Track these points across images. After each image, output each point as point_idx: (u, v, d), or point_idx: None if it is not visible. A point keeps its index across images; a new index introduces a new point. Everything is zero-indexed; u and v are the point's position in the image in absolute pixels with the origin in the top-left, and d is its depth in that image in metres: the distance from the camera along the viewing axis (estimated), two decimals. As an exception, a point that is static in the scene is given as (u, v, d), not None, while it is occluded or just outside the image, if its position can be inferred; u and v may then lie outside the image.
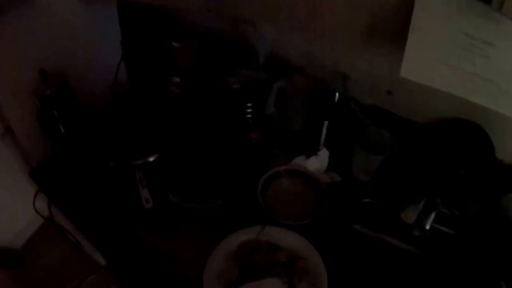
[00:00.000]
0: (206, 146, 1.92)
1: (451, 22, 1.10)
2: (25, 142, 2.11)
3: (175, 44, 2.06)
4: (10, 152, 2.17)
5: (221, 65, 2.03)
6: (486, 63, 1.13)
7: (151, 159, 1.86)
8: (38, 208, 2.23)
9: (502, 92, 1.18)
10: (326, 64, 1.86)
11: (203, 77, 2.07)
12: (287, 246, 1.53)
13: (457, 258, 1.59)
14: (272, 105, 1.86)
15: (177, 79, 2.06)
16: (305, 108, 1.83)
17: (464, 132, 1.75)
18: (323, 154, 1.78)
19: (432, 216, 1.61)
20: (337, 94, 1.77)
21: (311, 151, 1.79)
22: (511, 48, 1.09)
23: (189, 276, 1.52)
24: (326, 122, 1.73)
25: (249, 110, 1.90)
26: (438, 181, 1.73)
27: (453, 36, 1.12)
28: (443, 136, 1.77)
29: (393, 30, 1.23)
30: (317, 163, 1.77)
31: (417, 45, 1.18)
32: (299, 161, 1.78)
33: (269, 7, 1.44)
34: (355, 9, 1.26)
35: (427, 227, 1.60)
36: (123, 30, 2.19)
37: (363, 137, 1.74)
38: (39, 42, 1.92)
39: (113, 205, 1.78)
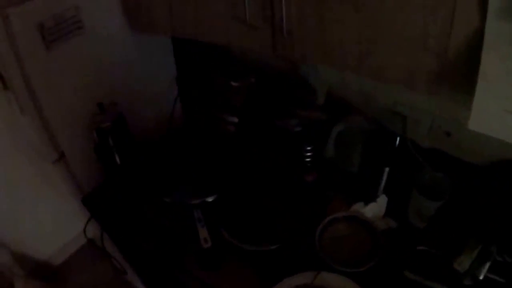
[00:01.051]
0: (264, 188, 1.93)
1: None
2: (78, 169, 2.15)
3: (233, 83, 2.07)
4: (63, 177, 2.20)
5: (280, 105, 2.04)
6: None
7: (209, 199, 1.88)
8: (87, 230, 2.27)
9: None
10: (385, 105, 1.86)
11: (260, 117, 2.08)
12: (339, 292, 1.53)
13: None
14: (332, 148, 1.87)
15: (234, 119, 2.06)
16: (364, 151, 1.84)
17: None
18: (382, 201, 1.77)
19: (487, 266, 1.58)
20: (398, 138, 1.77)
21: (370, 197, 1.77)
22: None
23: None
24: (387, 169, 1.72)
25: (308, 154, 1.90)
26: (495, 227, 1.70)
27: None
28: (502, 179, 1.74)
29: (460, 73, 1.20)
30: (375, 209, 1.76)
31: (487, 93, 1.13)
32: (358, 207, 1.77)
33: (327, 49, 1.43)
34: (416, 49, 1.23)
35: (481, 277, 1.57)
36: (178, 66, 2.20)
37: (421, 182, 1.72)
38: (94, 73, 1.98)
39: (164, 239, 1.81)
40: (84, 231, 2.22)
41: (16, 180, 2.46)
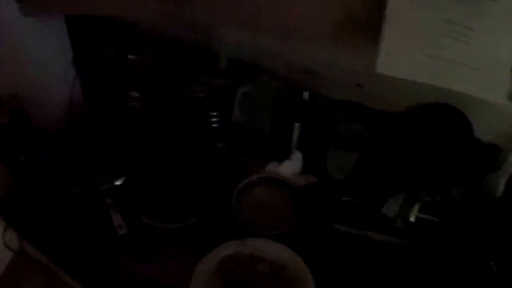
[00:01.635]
0: (174, 162, 1.85)
1: (430, 7, 1.06)
2: None
3: (131, 57, 1.99)
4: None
5: (182, 74, 1.97)
6: (467, 49, 1.11)
7: (118, 182, 1.79)
8: (7, 242, 2.17)
9: (484, 78, 1.16)
10: (291, 63, 1.82)
11: (163, 88, 2.00)
12: (269, 256, 1.49)
13: (444, 244, 1.58)
14: (239, 111, 1.82)
15: (135, 94, 1.98)
16: (273, 111, 1.79)
17: (441, 116, 1.74)
18: (296, 157, 1.73)
19: (416, 207, 1.61)
20: (306, 94, 1.73)
21: (284, 156, 1.73)
22: (490, 31, 1.07)
23: None
24: (297, 125, 1.68)
25: (215, 120, 1.85)
26: (420, 171, 1.72)
27: (433, 23, 1.09)
28: (420, 123, 1.75)
29: (365, 20, 1.20)
30: (291, 167, 1.72)
31: (393, 36, 1.15)
32: (272, 167, 1.73)
33: (228, 9, 1.40)
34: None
35: (412, 219, 1.59)
36: (74, 47, 2.12)
37: (336, 135, 1.71)
38: None
39: (85, 233, 1.70)
40: (5, 242, 2.12)
41: None
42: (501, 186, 1.63)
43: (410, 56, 1.17)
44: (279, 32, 1.37)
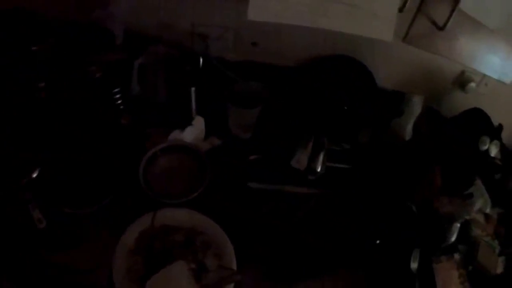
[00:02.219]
0: (83, 145, 1.84)
1: None
2: None
3: (33, 47, 1.94)
4: None
5: (79, 56, 1.93)
6: None
7: (34, 175, 1.76)
8: None
9: (364, 15, 1.16)
10: (182, 29, 1.85)
11: (64, 74, 1.97)
12: (182, 225, 1.51)
13: (359, 189, 1.63)
14: (136, 84, 1.81)
15: (41, 84, 1.96)
16: (169, 78, 1.79)
17: (340, 67, 1.78)
18: (198, 122, 1.74)
19: (321, 157, 1.63)
20: (200, 58, 1.73)
21: (185, 122, 1.74)
22: None
23: (100, 284, 1.48)
24: (193, 89, 1.68)
25: (117, 96, 1.82)
26: (322, 120, 1.76)
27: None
28: (319, 75, 1.79)
29: None
30: (193, 132, 1.73)
31: None
32: (176, 135, 1.73)
33: None
34: None
35: (318, 169, 1.62)
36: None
37: (234, 94, 1.71)
38: None
39: (6, 231, 1.66)
40: None
41: None
42: (408, 130, 1.68)
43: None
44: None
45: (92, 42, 1.92)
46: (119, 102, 1.82)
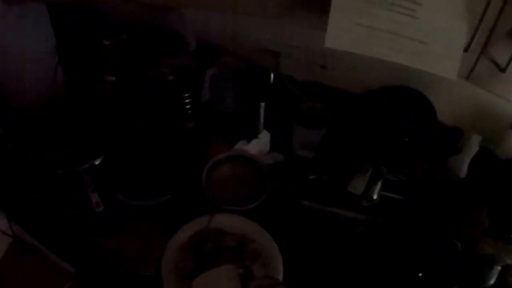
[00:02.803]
0: (148, 142, 1.90)
1: None
2: None
3: (105, 41, 2.01)
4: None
5: (152, 57, 2.00)
6: (414, 23, 1.13)
7: (97, 162, 1.83)
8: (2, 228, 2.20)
9: (433, 53, 1.18)
10: (255, 43, 1.87)
11: (135, 72, 2.03)
12: (235, 231, 1.55)
13: (408, 221, 1.63)
14: (207, 92, 1.85)
15: (111, 78, 2.02)
16: (240, 91, 1.83)
17: (404, 98, 1.78)
18: (264, 136, 1.78)
19: (379, 185, 1.64)
20: (271, 74, 1.78)
21: (252, 135, 1.78)
22: (438, 6, 1.09)
23: (147, 273, 1.52)
24: (262, 104, 1.72)
25: (186, 101, 1.87)
26: (382, 150, 1.76)
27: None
28: (383, 104, 1.80)
29: None
30: (258, 146, 1.77)
31: (340, 9, 1.16)
32: (241, 146, 1.77)
33: None
34: None
35: (375, 196, 1.63)
36: (56, 33, 2.13)
37: (300, 114, 1.74)
38: None
39: (66, 213, 1.74)
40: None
41: None
42: (464, 168, 1.69)
43: (353, 29, 1.18)
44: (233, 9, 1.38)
45: (166, 46, 1.97)
46: (187, 106, 1.87)
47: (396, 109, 1.78)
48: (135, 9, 2.04)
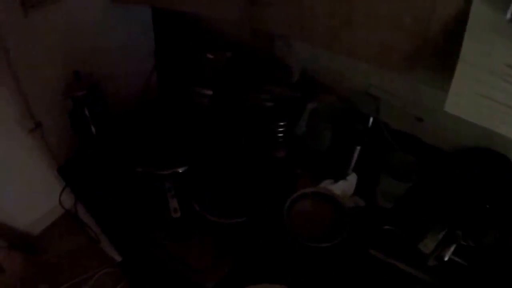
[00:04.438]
0: (234, 161, 1.94)
1: (495, 51, 1.06)
2: (54, 139, 2.16)
3: (209, 55, 2.06)
4: (39, 147, 2.23)
5: (254, 80, 2.03)
6: None
7: (180, 170, 1.88)
8: (62, 200, 2.27)
9: None
10: (358, 86, 1.87)
11: (234, 91, 2.07)
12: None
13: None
14: (304, 126, 1.89)
15: (208, 92, 2.06)
16: (337, 130, 1.85)
17: (489, 162, 1.75)
18: (352, 179, 1.79)
19: (452, 248, 1.62)
20: (371, 119, 1.79)
21: (340, 176, 1.79)
22: None
23: (203, 284, 1.58)
24: (358, 148, 1.73)
25: (280, 130, 1.90)
26: (462, 213, 1.73)
27: (497, 68, 1.09)
28: (468, 166, 1.77)
29: (437, 54, 1.21)
30: (344, 187, 1.78)
31: (465, 76, 1.15)
32: (327, 184, 1.79)
33: (302, 23, 1.43)
34: (392, 28, 1.23)
35: (446, 258, 1.61)
36: (157, 39, 2.20)
37: (391, 163, 1.75)
38: (72, 41, 1.96)
39: (136, 209, 1.82)
40: (60, 201, 2.25)
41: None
42: None
43: (476, 100, 1.16)
44: (351, 54, 1.39)
45: (269, 72, 2.01)
46: (280, 135, 1.91)
47: (481, 172, 1.75)
48: (241, 30, 2.10)
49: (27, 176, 2.58)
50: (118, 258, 2.80)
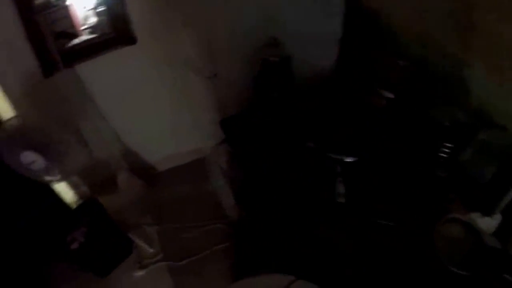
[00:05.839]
0: (395, 167, 2.01)
1: None
2: (225, 91, 2.43)
3: (400, 62, 2.14)
4: (211, 94, 2.46)
5: (431, 95, 2.10)
6: None
7: (348, 159, 1.99)
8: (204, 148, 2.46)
9: None
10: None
11: (415, 102, 2.13)
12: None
13: None
14: (470, 154, 1.91)
15: (389, 94, 2.15)
16: (501, 167, 1.85)
17: None
18: (496, 218, 1.83)
19: None
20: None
21: (490, 212, 1.83)
22: None
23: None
24: (513, 190, 1.74)
25: (447, 150, 1.95)
26: None
27: None
28: None
29: None
30: (488, 224, 1.83)
31: None
32: (474, 216, 1.84)
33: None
34: None
35: None
36: (345, 31, 2.36)
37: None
38: (268, 10, 2.19)
39: (297, 185, 1.91)
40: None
41: (161, 85, 2.66)
42: None
43: None
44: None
45: (447, 92, 2.09)
46: (443, 155, 1.97)
47: None
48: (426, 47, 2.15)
49: (180, 116, 2.85)
50: (233, 217, 2.94)
